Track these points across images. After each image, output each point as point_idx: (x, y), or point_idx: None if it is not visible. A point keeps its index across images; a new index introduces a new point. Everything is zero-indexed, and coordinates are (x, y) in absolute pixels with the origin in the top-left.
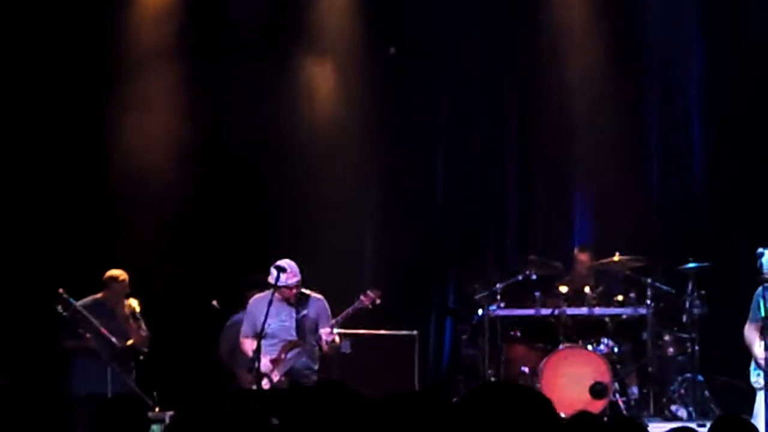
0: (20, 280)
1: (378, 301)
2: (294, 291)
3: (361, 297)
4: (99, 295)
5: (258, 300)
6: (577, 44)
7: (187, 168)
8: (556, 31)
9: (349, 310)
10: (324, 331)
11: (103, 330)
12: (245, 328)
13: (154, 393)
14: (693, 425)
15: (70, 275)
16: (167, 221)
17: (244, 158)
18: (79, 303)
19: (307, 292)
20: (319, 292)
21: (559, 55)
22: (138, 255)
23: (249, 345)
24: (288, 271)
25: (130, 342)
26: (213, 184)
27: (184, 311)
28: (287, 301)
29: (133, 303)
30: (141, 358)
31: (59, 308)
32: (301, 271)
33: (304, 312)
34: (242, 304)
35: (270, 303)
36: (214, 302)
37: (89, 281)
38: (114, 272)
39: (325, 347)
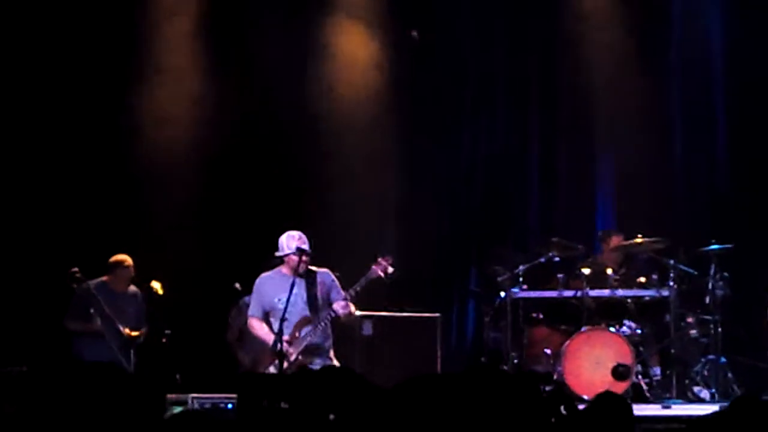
0: (42, 264)
1: (390, 270)
2: (305, 258)
3: (372, 266)
4: (104, 278)
5: (265, 278)
6: (599, 26)
7: (210, 149)
8: (579, 12)
9: (362, 280)
10: (338, 304)
11: (108, 313)
12: (252, 308)
13: (177, 375)
14: (716, 407)
15: (91, 258)
16: (189, 203)
17: (267, 137)
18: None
19: (313, 268)
20: (338, 273)
21: (582, 39)
22: (160, 237)
23: (257, 324)
24: (298, 237)
25: (135, 333)
26: (236, 165)
27: (207, 293)
28: (295, 272)
29: (156, 286)
30: (164, 340)
31: (74, 286)
32: (312, 246)
33: (314, 289)
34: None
35: (275, 279)
36: (237, 285)
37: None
38: (120, 257)
39: (342, 315)
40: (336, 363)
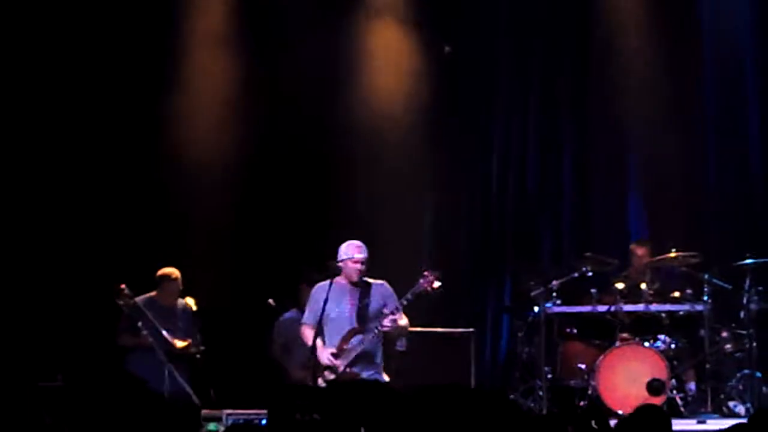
0: (77, 277)
1: (437, 284)
2: (359, 267)
3: (420, 280)
4: (153, 294)
5: (320, 287)
6: (632, 42)
7: (244, 162)
8: (610, 23)
9: (408, 295)
10: (387, 318)
11: (161, 329)
12: (306, 316)
13: (211, 391)
14: None
15: (125, 271)
16: (222, 218)
17: (300, 150)
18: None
19: (369, 279)
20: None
21: (614, 47)
22: (193, 252)
23: (308, 333)
24: (357, 245)
25: (183, 344)
26: (269, 178)
27: (241, 309)
28: (350, 280)
29: (190, 302)
30: (198, 356)
31: (120, 303)
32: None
33: (367, 300)
34: (295, 301)
35: (330, 288)
36: (271, 301)
37: (144, 278)
38: (167, 270)
39: (390, 329)
40: (385, 377)
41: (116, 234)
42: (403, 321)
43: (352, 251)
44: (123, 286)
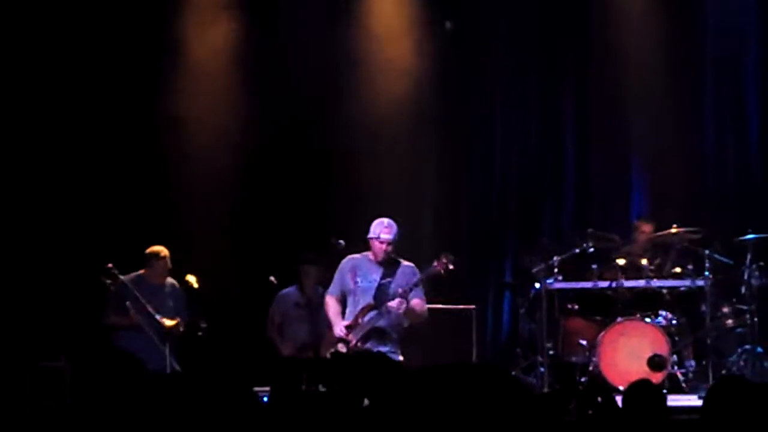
0: (78, 258)
1: (451, 267)
2: (384, 247)
3: (434, 263)
4: (141, 272)
5: (349, 259)
6: (633, 19)
7: (244, 143)
8: (612, 6)
9: (422, 276)
10: (393, 302)
11: (149, 307)
12: (332, 287)
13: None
14: None
15: (124, 252)
16: (222, 196)
17: (302, 133)
18: (124, 278)
19: (400, 259)
20: None
21: (615, 31)
22: (193, 231)
23: (330, 303)
24: (385, 225)
25: (171, 323)
26: (271, 160)
27: (243, 287)
28: (376, 258)
29: (191, 279)
30: (200, 333)
31: (107, 282)
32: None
33: (390, 278)
34: (295, 280)
35: (361, 260)
36: (272, 278)
37: (143, 258)
38: (155, 248)
39: (395, 312)
40: (399, 357)
41: (115, 215)
42: (419, 308)
43: (379, 231)
44: (110, 265)
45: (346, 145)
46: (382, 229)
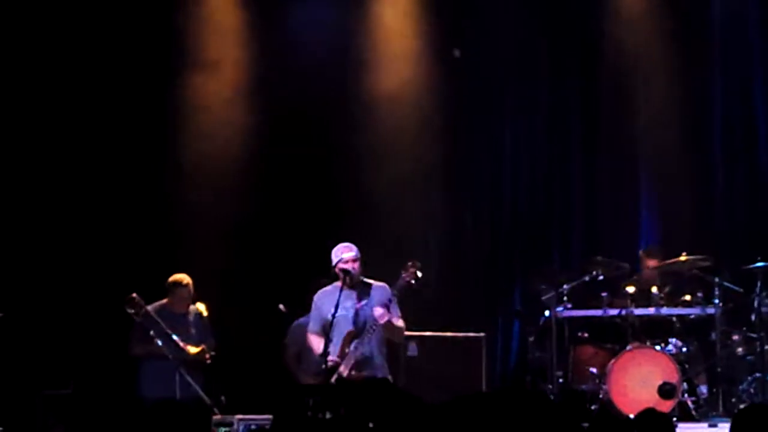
0: (87, 285)
1: (419, 274)
2: (351, 265)
3: (402, 274)
4: (164, 301)
5: (322, 293)
6: (641, 38)
7: (254, 166)
8: (620, 22)
9: (395, 291)
10: (376, 311)
11: (174, 336)
12: (311, 324)
13: (222, 397)
14: None
15: (135, 279)
16: (231, 224)
17: (309, 152)
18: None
19: (369, 281)
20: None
21: (623, 51)
22: (203, 259)
23: (315, 341)
24: (343, 246)
25: (196, 350)
26: (280, 181)
27: (252, 315)
28: (346, 281)
29: (201, 307)
30: (208, 360)
31: (131, 312)
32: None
33: (365, 301)
34: (307, 307)
35: (340, 291)
36: (281, 306)
37: (155, 285)
38: (178, 276)
39: (381, 324)
40: (390, 378)
41: (127, 242)
42: (399, 323)
43: (340, 253)
44: (134, 295)
45: (356, 171)
46: (342, 250)
